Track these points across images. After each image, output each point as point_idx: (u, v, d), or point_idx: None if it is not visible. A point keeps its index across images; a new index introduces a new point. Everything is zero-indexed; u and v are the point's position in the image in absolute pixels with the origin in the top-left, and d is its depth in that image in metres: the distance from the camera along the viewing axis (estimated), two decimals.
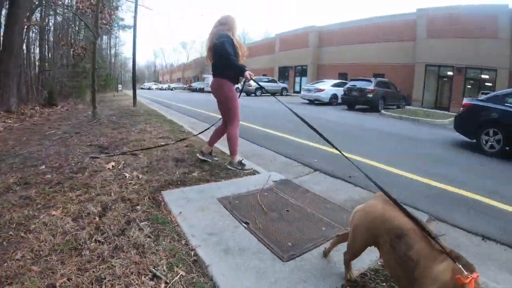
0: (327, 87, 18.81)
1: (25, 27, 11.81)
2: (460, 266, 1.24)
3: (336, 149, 2.22)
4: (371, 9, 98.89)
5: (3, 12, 10.80)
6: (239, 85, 5.06)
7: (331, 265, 1.99)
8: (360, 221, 1.68)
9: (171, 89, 54.66)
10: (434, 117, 14.01)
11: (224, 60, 3.60)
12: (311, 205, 2.97)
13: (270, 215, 2.67)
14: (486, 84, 20.49)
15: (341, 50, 29.19)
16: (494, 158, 6.23)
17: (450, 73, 21.96)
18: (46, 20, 16.06)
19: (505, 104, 6.66)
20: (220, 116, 4.13)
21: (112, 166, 3.69)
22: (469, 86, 21.28)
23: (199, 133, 5.48)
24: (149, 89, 62.68)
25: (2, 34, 10.20)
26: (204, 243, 2.08)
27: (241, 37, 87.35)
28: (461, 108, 7.51)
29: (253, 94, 26.88)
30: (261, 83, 26.94)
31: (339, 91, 18.03)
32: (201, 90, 37.00)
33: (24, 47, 13.83)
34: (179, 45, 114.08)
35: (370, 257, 2.02)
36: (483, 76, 20.79)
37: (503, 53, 18.98)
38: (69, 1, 15.56)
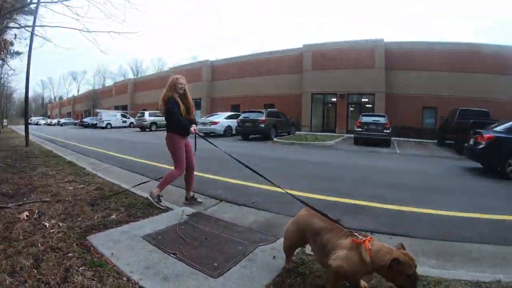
0: (221, 119, 19.68)
1: None
2: (357, 234, 2.03)
3: (277, 185, 2.74)
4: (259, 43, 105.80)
5: None
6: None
7: (253, 274, 2.49)
8: (293, 227, 2.49)
9: (61, 125, 49.71)
10: (321, 140, 15.83)
11: (173, 121, 4.27)
12: (225, 231, 3.43)
13: (192, 244, 3.04)
14: (366, 106, 24.10)
15: (233, 83, 30.83)
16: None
17: (334, 99, 25.13)
18: None
19: None
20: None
21: (27, 216, 3.54)
22: (351, 109, 24.80)
23: (136, 185, 5.45)
24: (37, 124, 55.67)
25: None
26: (144, 276, 2.35)
27: (134, 69, 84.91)
28: (482, 141, 7.89)
29: (147, 129, 26.47)
30: (155, 118, 26.64)
31: (233, 123, 19.09)
32: (94, 126, 34.75)
33: None
34: (69, 75, 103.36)
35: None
36: (363, 100, 24.48)
37: (380, 79, 22.98)
38: None
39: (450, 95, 22.00)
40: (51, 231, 3.12)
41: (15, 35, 10.66)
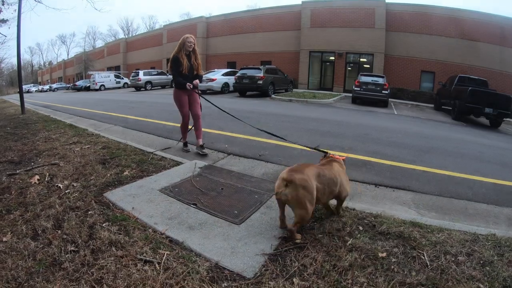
0: (218, 76, 18.99)
1: None
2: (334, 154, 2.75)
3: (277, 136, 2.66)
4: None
5: None
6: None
7: (272, 220, 2.49)
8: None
9: (53, 90, 48.37)
10: (320, 98, 15.62)
11: (173, 77, 4.90)
12: (239, 181, 3.42)
13: (210, 194, 3.01)
14: (365, 66, 23.44)
15: (229, 40, 29.50)
16: None
17: (332, 58, 24.33)
18: None
19: None
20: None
21: (38, 179, 3.45)
22: (349, 68, 24.13)
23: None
24: (28, 92, 54.33)
25: None
26: (169, 226, 2.32)
27: (125, 29, 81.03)
28: None
29: (142, 89, 25.51)
30: (149, 77, 25.90)
31: (230, 80, 18.58)
32: (87, 89, 33.65)
33: None
34: (58, 40, 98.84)
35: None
36: (361, 59, 23.69)
37: (379, 40, 22.08)
38: None
39: (449, 61, 21.20)
40: (66, 191, 3.05)
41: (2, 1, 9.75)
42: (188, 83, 4.62)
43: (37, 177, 3.52)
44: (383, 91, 14.80)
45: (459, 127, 10.57)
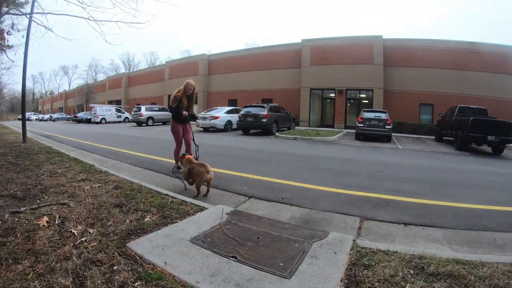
0: (222, 114, 19.00)
1: None
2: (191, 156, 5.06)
3: None
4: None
5: None
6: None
7: (322, 271, 2.30)
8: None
9: (54, 120, 48.44)
10: (324, 135, 15.60)
11: (171, 111, 6.20)
12: (273, 229, 3.12)
13: (247, 244, 2.69)
14: (364, 101, 23.81)
15: (230, 77, 30.07)
16: None
17: (332, 95, 24.69)
18: None
19: None
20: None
21: (47, 222, 3.10)
22: (349, 105, 24.33)
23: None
24: (28, 119, 54.38)
25: None
26: (214, 285, 1.99)
27: (126, 64, 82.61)
28: None
29: (144, 124, 25.46)
30: (151, 112, 25.97)
31: (233, 118, 18.61)
32: (88, 121, 33.81)
33: None
34: (60, 70, 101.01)
35: None
36: (361, 95, 24.02)
37: (378, 75, 22.62)
38: None
39: (447, 92, 21.89)
40: (82, 239, 2.68)
41: (12, 24, 9.81)
42: (184, 111, 5.81)
43: (45, 218, 3.16)
44: (386, 126, 14.93)
45: (464, 157, 10.69)
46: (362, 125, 15.30)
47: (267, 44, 29.01)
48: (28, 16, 8.37)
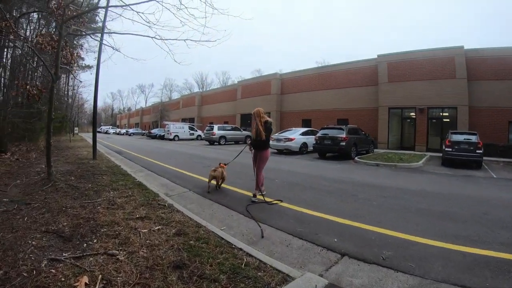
0: (297, 136, 18.05)
1: None
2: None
3: None
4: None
5: None
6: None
7: None
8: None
9: (129, 135, 52.28)
10: (407, 160, 13.86)
11: None
12: None
13: None
14: (445, 120, 21.09)
15: (303, 97, 29.16)
16: None
17: (412, 114, 22.41)
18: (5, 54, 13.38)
19: None
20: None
21: (86, 284, 2.39)
22: (430, 125, 21.83)
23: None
24: (106, 132, 59.40)
25: None
26: None
27: (200, 83, 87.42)
28: None
29: (216, 143, 25.48)
30: (224, 131, 26.07)
31: (309, 140, 17.69)
32: (161, 137, 35.47)
33: None
34: (137, 88, 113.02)
35: None
36: (444, 114, 21.38)
37: (462, 91, 19.76)
38: (30, 34, 13.19)
39: None
40: None
41: (81, 46, 10.34)
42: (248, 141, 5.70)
43: (85, 279, 2.49)
44: (477, 151, 12.90)
45: None
46: (450, 149, 13.40)
47: (339, 61, 27.31)
48: (93, 37, 8.55)
